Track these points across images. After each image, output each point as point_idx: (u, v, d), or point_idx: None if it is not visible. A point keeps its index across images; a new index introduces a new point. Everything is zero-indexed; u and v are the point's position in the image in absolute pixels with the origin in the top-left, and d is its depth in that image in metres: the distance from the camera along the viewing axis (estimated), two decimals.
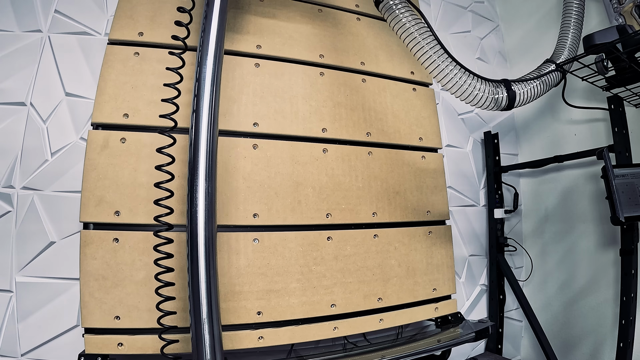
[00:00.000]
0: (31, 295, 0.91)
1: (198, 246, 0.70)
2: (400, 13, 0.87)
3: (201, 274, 0.69)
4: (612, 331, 1.19)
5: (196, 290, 0.69)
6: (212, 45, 0.79)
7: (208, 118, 0.74)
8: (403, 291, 1.08)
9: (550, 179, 1.46)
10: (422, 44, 0.88)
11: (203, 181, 0.72)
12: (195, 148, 0.73)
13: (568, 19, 1.17)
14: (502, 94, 0.95)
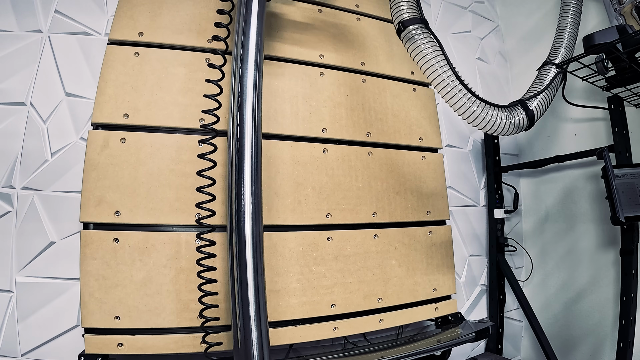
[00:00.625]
0: (31, 295, 0.91)
1: (246, 246, 0.72)
2: (422, 44, 0.90)
3: (249, 274, 0.71)
4: (612, 331, 1.19)
5: (245, 289, 0.71)
6: (253, 49, 0.80)
7: (252, 121, 0.76)
8: (403, 291, 1.08)
9: (550, 179, 1.46)
10: (442, 77, 0.89)
11: (249, 182, 0.74)
12: (240, 151, 0.74)
13: (565, 18, 1.17)
14: (520, 115, 0.96)
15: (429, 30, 0.92)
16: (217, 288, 0.82)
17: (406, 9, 0.92)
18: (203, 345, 0.85)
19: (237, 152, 0.75)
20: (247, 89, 0.76)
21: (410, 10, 0.93)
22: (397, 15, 0.94)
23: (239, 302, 0.70)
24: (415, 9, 0.93)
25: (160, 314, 0.85)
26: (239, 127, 0.75)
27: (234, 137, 0.76)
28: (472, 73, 1.58)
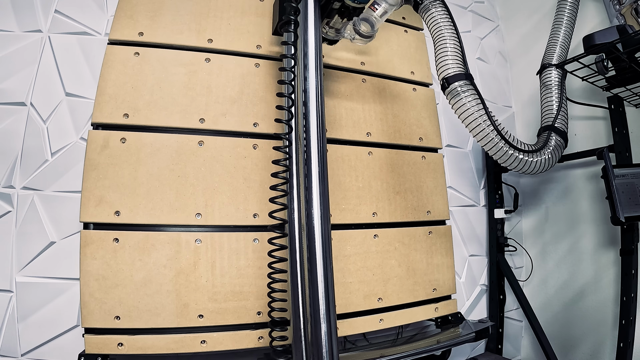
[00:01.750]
0: (31, 295, 0.91)
1: (315, 244, 0.75)
2: (467, 101, 0.93)
3: (319, 272, 0.74)
4: (612, 331, 1.19)
5: (315, 285, 0.74)
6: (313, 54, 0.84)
7: (317, 124, 0.80)
8: (403, 291, 1.08)
9: (551, 179, 1.46)
10: (486, 131, 0.93)
11: (317, 183, 0.77)
12: (308, 152, 0.78)
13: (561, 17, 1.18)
14: (555, 140, 0.99)
15: (473, 86, 0.94)
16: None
17: (452, 64, 0.94)
18: (203, 345, 0.86)
19: (304, 155, 0.79)
20: (310, 96, 0.81)
21: (457, 65, 0.95)
22: (442, 71, 0.96)
23: (310, 297, 0.74)
24: (461, 63, 0.95)
25: (160, 314, 0.85)
26: (305, 131, 0.80)
27: (301, 141, 0.80)
28: (472, 73, 1.57)
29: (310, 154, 0.78)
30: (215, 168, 0.95)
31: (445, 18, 0.95)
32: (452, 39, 0.94)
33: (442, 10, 0.96)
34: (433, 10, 0.96)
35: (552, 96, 1.11)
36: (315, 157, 0.78)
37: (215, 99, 0.99)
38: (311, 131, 0.79)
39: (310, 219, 0.75)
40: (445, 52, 0.94)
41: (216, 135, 0.97)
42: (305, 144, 0.79)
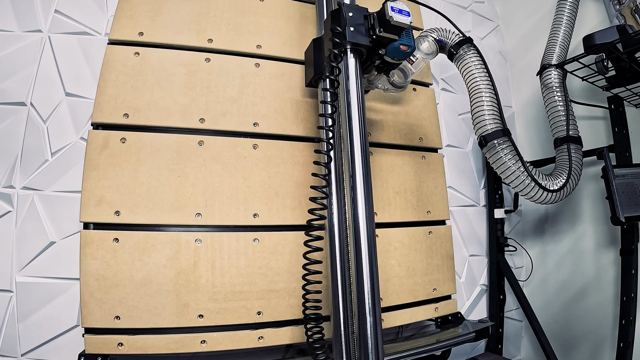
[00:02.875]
0: (31, 295, 0.91)
1: (361, 241, 0.78)
2: (504, 155, 0.98)
3: (364, 267, 0.77)
4: (612, 331, 1.19)
5: (361, 280, 0.77)
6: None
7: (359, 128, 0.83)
8: (403, 291, 1.08)
9: None
10: (521, 178, 1.00)
11: (361, 183, 0.80)
12: (352, 157, 0.82)
13: (560, 16, 1.18)
14: (575, 159, 1.04)
15: (510, 141, 0.99)
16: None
17: (490, 122, 0.98)
18: (203, 345, 0.86)
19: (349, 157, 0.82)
20: (352, 103, 0.84)
21: (494, 122, 0.98)
22: (479, 128, 0.99)
23: (357, 291, 0.77)
24: (498, 119, 0.98)
25: (160, 313, 0.85)
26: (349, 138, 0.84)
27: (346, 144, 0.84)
28: None
29: (355, 160, 0.81)
30: (215, 168, 0.95)
31: (481, 69, 0.99)
32: (488, 92, 0.97)
33: (478, 61, 0.99)
34: (468, 61, 1.00)
35: (555, 99, 1.12)
36: (359, 160, 0.81)
37: (215, 99, 0.99)
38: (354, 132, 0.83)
39: (355, 217, 0.79)
40: (482, 109, 0.98)
41: (216, 135, 0.97)
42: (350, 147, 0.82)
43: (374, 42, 0.84)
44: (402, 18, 0.82)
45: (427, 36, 1.03)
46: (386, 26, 0.82)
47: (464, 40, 1.01)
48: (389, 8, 0.81)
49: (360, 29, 0.84)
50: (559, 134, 1.11)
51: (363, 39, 0.83)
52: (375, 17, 0.84)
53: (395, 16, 0.80)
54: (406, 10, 0.83)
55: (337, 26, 0.83)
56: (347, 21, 0.83)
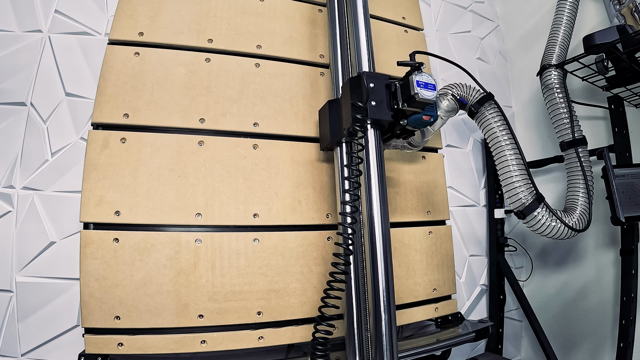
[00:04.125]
0: (31, 295, 0.91)
1: (376, 241, 0.79)
2: (546, 221, 0.97)
3: (379, 266, 0.79)
4: (612, 331, 1.19)
5: (377, 279, 0.78)
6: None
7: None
8: (403, 291, 1.08)
9: (551, 179, 1.46)
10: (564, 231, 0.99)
11: (377, 186, 0.81)
12: (367, 161, 0.83)
13: (560, 17, 1.18)
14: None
15: (547, 207, 0.99)
16: None
17: (524, 192, 0.97)
18: (203, 345, 0.86)
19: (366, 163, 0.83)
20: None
21: (528, 191, 0.97)
22: (514, 201, 0.98)
23: (372, 290, 0.78)
24: (531, 187, 0.97)
25: (160, 313, 0.85)
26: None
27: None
28: (473, 73, 1.57)
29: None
30: (215, 168, 0.95)
31: (504, 130, 0.96)
32: (514, 157, 0.96)
33: (500, 120, 0.96)
34: (491, 121, 0.98)
35: (556, 100, 1.12)
36: (374, 162, 0.82)
37: (215, 99, 0.99)
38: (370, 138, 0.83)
39: (371, 218, 0.80)
40: (511, 179, 0.96)
41: (216, 135, 0.97)
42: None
43: (397, 114, 0.80)
44: (428, 94, 0.77)
45: (446, 94, 1.00)
46: (411, 102, 0.78)
47: (484, 97, 0.98)
48: (415, 83, 0.76)
49: (382, 103, 0.80)
50: (564, 137, 1.11)
51: (385, 114, 0.79)
52: (399, 88, 0.80)
53: (421, 92, 0.76)
54: (432, 83, 0.79)
55: (359, 101, 0.78)
56: (369, 94, 0.78)
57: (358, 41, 0.94)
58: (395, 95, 0.80)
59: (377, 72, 0.85)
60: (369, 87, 0.79)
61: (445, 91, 1.01)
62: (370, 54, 0.93)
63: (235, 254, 0.92)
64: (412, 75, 0.78)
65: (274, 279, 0.94)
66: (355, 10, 0.97)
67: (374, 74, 0.83)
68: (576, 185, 1.09)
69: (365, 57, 0.92)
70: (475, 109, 0.99)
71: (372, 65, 0.93)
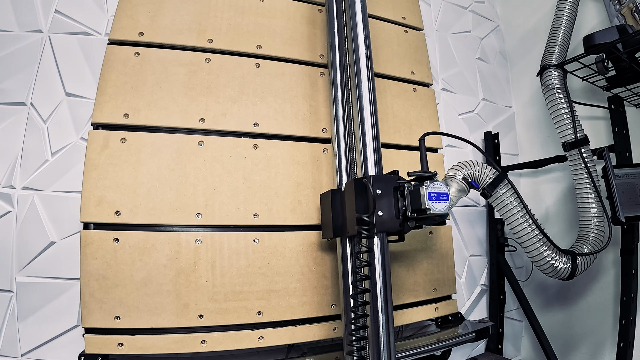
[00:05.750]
0: (31, 295, 0.91)
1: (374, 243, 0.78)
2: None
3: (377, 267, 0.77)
4: (613, 331, 1.19)
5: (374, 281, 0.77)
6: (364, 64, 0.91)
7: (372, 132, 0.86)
8: (403, 291, 1.08)
9: (551, 179, 1.46)
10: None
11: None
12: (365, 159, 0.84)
13: (560, 17, 1.18)
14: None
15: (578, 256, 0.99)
16: None
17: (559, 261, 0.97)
18: (203, 345, 0.86)
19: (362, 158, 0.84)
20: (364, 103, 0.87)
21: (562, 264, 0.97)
22: (549, 272, 0.98)
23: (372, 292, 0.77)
24: (556, 255, 0.96)
25: (160, 314, 0.85)
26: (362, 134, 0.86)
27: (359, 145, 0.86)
28: (473, 73, 1.58)
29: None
30: (215, 168, 0.95)
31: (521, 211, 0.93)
32: (535, 234, 0.94)
33: (516, 201, 0.93)
34: (507, 202, 0.93)
35: (557, 100, 1.11)
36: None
37: (215, 99, 0.99)
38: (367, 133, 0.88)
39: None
40: (540, 251, 0.95)
41: (216, 135, 0.97)
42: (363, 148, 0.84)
43: (405, 220, 0.76)
44: (440, 206, 0.73)
45: (455, 176, 0.93)
46: (420, 214, 0.73)
47: (498, 178, 0.93)
48: (426, 197, 0.72)
49: (390, 211, 0.75)
50: (567, 137, 1.11)
51: (393, 224, 0.75)
52: (408, 194, 0.75)
53: (433, 207, 0.72)
54: (444, 192, 0.74)
55: (364, 213, 0.74)
56: (376, 203, 0.73)
57: (356, 41, 0.94)
58: (404, 197, 0.76)
59: (385, 174, 0.80)
60: (375, 195, 0.74)
61: (455, 172, 0.93)
62: (368, 54, 0.93)
63: (236, 254, 0.92)
64: (423, 186, 0.73)
65: (274, 279, 0.94)
66: (354, 9, 0.97)
67: (381, 176, 0.78)
68: (583, 187, 1.08)
69: (364, 58, 0.92)
70: (489, 191, 0.93)
71: (371, 66, 0.93)
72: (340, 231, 0.85)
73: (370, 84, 0.91)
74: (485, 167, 0.94)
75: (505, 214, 0.95)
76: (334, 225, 0.86)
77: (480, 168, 0.94)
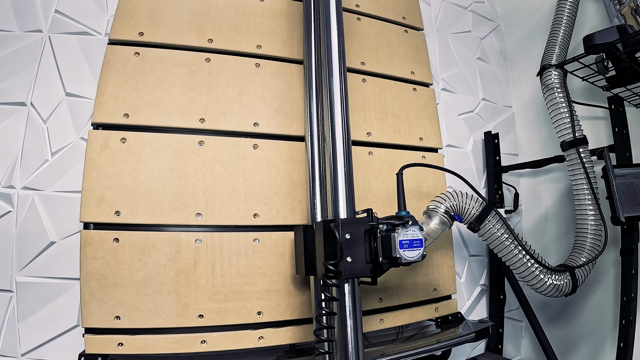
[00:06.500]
0: (31, 295, 0.91)
1: None
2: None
3: None
4: (612, 331, 1.19)
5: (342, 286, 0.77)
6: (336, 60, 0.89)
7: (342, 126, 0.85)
8: (403, 291, 1.08)
9: (551, 179, 1.46)
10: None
11: (343, 183, 0.80)
12: (334, 157, 0.84)
13: (560, 17, 1.18)
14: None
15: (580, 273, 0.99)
16: None
17: (558, 281, 0.97)
18: (203, 345, 0.86)
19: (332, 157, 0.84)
20: (335, 99, 0.86)
21: (566, 282, 0.97)
22: (539, 290, 0.97)
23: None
24: (549, 274, 0.96)
25: (160, 313, 0.85)
26: (331, 133, 0.85)
27: (329, 143, 0.85)
28: (473, 73, 1.58)
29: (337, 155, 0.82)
30: (215, 168, 0.95)
31: (511, 241, 0.91)
32: (526, 257, 0.93)
33: (506, 233, 0.91)
34: (497, 235, 0.91)
35: (557, 99, 1.11)
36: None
37: (215, 99, 0.99)
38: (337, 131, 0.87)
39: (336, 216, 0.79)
40: (536, 274, 0.94)
41: (216, 135, 0.97)
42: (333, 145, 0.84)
43: (377, 267, 0.72)
44: (413, 254, 0.68)
45: (437, 209, 0.88)
46: (392, 262, 0.70)
47: (484, 211, 0.88)
48: (397, 244, 0.67)
49: (361, 257, 0.70)
50: (565, 137, 1.10)
51: (363, 269, 0.70)
52: (379, 239, 0.71)
53: (404, 255, 0.68)
54: (418, 238, 0.70)
55: (331, 260, 0.70)
56: (344, 250, 0.68)
57: (329, 34, 0.90)
58: (376, 241, 0.71)
59: (355, 218, 0.77)
60: (343, 240, 0.69)
61: (436, 205, 0.89)
62: (341, 52, 0.90)
63: (236, 254, 0.92)
64: (395, 233, 0.68)
65: (274, 279, 0.94)
66: (328, 3, 0.94)
67: (351, 220, 0.74)
68: (580, 188, 1.08)
69: (336, 55, 0.89)
70: (477, 225, 0.90)
71: (343, 62, 0.91)
72: (311, 270, 0.82)
73: (343, 81, 0.89)
74: (471, 198, 0.90)
75: (498, 247, 0.92)
76: (305, 263, 0.82)
77: (465, 199, 0.89)
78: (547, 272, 0.95)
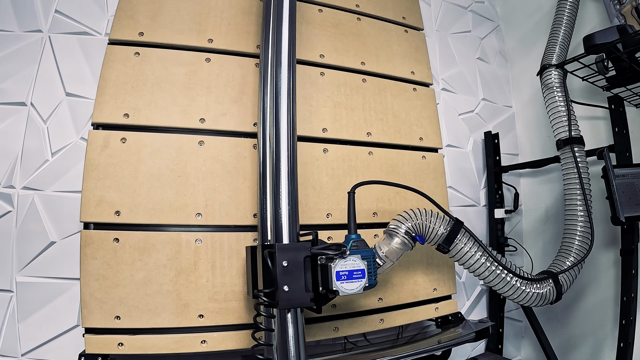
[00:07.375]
0: (31, 295, 0.91)
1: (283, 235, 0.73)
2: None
3: None
4: (613, 331, 1.19)
5: None
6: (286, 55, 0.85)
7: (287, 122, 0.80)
8: (403, 291, 1.08)
9: (551, 179, 1.46)
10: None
11: (286, 182, 0.76)
12: (277, 155, 0.78)
13: (560, 17, 1.18)
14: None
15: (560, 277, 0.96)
16: None
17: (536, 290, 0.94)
18: (203, 345, 0.86)
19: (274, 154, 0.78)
20: (281, 93, 0.82)
21: (549, 290, 0.94)
22: (519, 301, 0.94)
23: None
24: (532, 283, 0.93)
25: (160, 313, 0.85)
26: (275, 129, 0.79)
27: (270, 139, 0.80)
28: (473, 73, 1.58)
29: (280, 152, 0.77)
30: (215, 168, 0.95)
31: (483, 258, 0.87)
32: (502, 272, 0.90)
33: (479, 251, 0.87)
34: (468, 253, 0.86)
35: (556, 99, 1.11)
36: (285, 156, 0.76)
37: (215, 99, 0.99)
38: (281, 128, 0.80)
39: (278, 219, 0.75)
40: (512, 284, 0.90)
41: (216, 135, 0.97)
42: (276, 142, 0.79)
43: (318, 297, 0.67)
44: (351, 286, 0.63)
45: (397, 230, 0.82)
46: (332, 293, 0.65)
47: (453, 230, 0.83)
48: (334, 276, 0.62)
49: (300, 286, 0.64)
50: (561, 135, 1.10)
51: (303, 299, 0.65)
52: (319, 268, 0.65)
53: (342, 288, 0.63)
54: (360, 268, 0.64)
55: (265, 292, 0.65)
56: (279, 279, 0.63)
57: (280, 26, 0.87)
58: (317, 269, 0.66)
59: (296, 243, 0.71)
60: (280, 268, 0.64)
61: (397, 225, 0.83)
62: (291, 45, 0.86)
63: (236, 254, 0.92)
64: (332, 264, 0.63)
65: None
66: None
67: (291, 245, 0.68)
68: (572, 188, 1.07)
69: (286, 49, 0.86)
70: (447, 247, 0.85)
71: (293, 59, 0.87)
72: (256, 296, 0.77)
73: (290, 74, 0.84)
74: (437, 217, 0.84)
75: (473, 266, 0.87)
76: (253, 287, 0.78)
77: (430, 218, 0.84)
78: (527, 283, 0.92)
